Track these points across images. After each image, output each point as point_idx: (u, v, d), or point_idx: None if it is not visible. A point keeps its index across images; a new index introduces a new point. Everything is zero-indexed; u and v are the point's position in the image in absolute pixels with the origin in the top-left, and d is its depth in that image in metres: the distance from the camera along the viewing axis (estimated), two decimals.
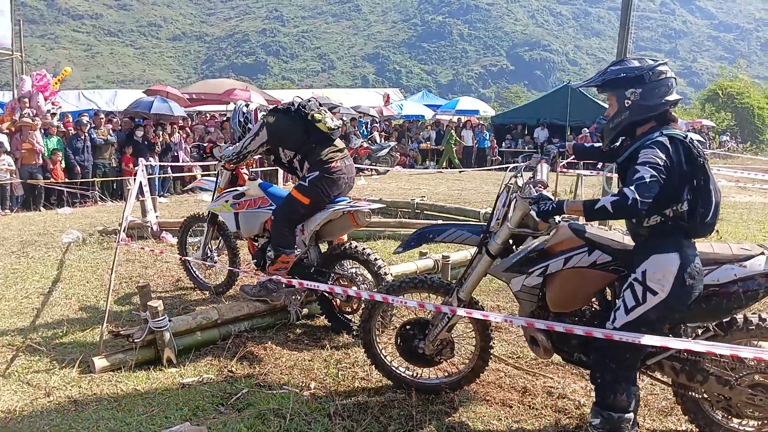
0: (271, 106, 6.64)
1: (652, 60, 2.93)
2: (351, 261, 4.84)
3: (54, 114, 13.73)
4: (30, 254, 7.42)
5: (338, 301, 4.76)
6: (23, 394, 3.74)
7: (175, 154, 14.81)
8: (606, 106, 3.15)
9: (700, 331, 3.09)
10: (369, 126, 22.43)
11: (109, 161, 13.84)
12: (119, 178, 13.78)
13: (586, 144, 3.79)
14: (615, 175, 8.14)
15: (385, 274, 4.67)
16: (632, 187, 2.58)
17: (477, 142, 22.04)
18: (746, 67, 53.60)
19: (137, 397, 3.65)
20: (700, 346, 2.77)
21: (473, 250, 3.52)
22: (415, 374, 3.80)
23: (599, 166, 9.29)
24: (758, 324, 2.96)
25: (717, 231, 6.96)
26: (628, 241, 3.07)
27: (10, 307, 5.47)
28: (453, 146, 20.89)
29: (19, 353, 4.40)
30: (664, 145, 2.70)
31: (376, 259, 4.66)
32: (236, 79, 34.38)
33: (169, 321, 4.15)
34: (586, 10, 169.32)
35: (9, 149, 11.97)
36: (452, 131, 21.34)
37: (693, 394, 3.09)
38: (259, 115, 5.11)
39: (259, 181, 5.31)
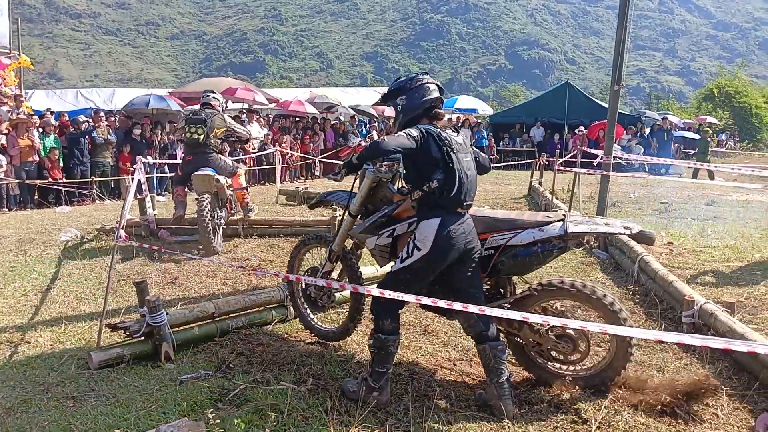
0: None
1: (414, 74, 3.75)
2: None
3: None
4: (28, 252, 7.43)
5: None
6: (21, 390, 3.76)
7: (173, 152, 14.81)
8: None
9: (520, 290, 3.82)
10: (368, 125, 22.44)
11: (108, 160, 13.85)
12: (117, 178, 13.79)
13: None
14: (613, 174, 8.16)
15: (205, 218, 7.03)
16: (386, 137, 3.53)
17: (475, 141, 22.02)
18: (744, 66, 53.49)
19: (135, 393, 3.66)
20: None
21: None
22: (315, 320, 4.63)
23: (595, 163, 9.30)
24: (568, 287, 3.58)
25: None
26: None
27: (8, 304, 5.49)
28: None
29: (18, 350, 4.42)
30: (416, 130, 3.46)
31: (203, 209, 7.03)
32: (234, 77, 34.23)
33: (167, 314, 4.17)
34: (584, 9, 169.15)
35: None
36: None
37: (517, 339, 3.77)
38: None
39: None
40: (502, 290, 3.88)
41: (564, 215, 3.61)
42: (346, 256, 4.31)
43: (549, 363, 3.76)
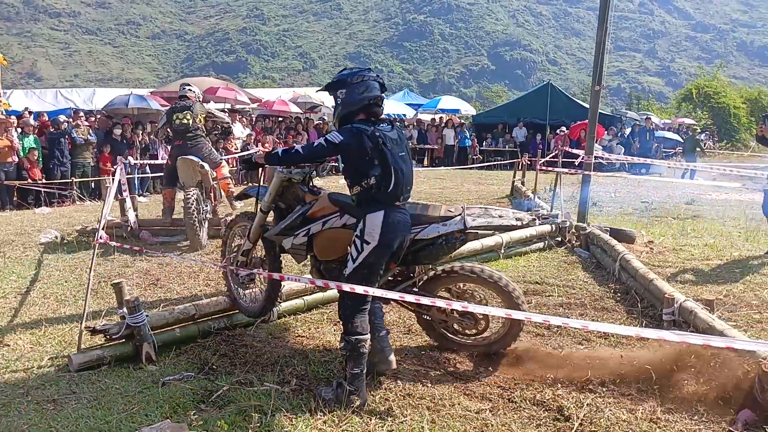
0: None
1: (358, 68, 3.78)
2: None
3: None
4: (7, 254, 7.33)
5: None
6: (1, 393, 3.71)
7: (154, 152, 14.69)
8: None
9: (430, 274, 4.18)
10: None
11: (88, 160, 13.69)
12: (98, 178, 13.64)
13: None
14: (593, 173, 8.22)
15: (192, 211, 7.20)
16: (303, 145, 3.70)
17: (458, 141, 22.11)
18: (723, 67, 54.21)
19: (117, 396, 3.63)
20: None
21: None
22: (240, 295, 4.74)
23: (576, 163, 9.37)
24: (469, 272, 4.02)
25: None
26: None
27: None
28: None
29: None
30: (346, 132, 3.56)
31: (190, 203, 7.21)
32: (216, 77, 34.03)
33: (146, 316, 4.14)
34: (565, 10, 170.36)
35: None
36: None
37: (426, 317, 4.20)
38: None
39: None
40: (412, 274, 4.19)
41: (462, 209, 3.94)
42: (265, 238, 4.45)
43: (453, 335, 4.27)
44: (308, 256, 4.18)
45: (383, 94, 3.78)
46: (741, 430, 3.16)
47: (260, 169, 4.26)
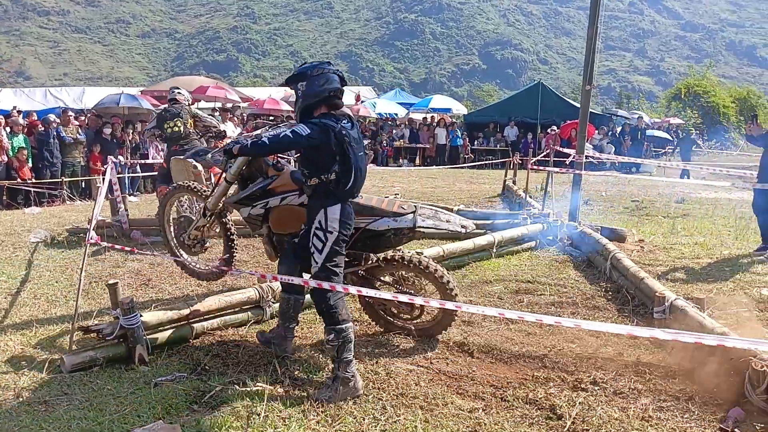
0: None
1: (318, 62, 3.85)
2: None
3: None
4: None
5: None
6: None
7: (145, 152, 14.62)
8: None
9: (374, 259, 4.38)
10: None
11: (78, 160, 13.61)
12: (88, 178, 13.56)
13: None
14: (585, 173, 8.26)
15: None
16: (269, 136, 3.67)
17: (450, 140, 22.14)
18: (712, 66, 54.51)
19: (109, 397, 3.61)
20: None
21: None
22: (188, 260, 5.04)
23: (567, 162, 9.40)
24: (415, 263, 4.27)
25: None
26: None
27: None
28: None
29: None
30: (313, 126, 3.57)
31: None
32: (207, 76, 33.94)
33: (140, 316, 4.12)
34: (556, 10, 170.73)
35: None
36: None
37: (368, 299, 4.47)
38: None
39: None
40: (357, 259, 4.38)
41: (415, 207, 4.19)
42: (222, 214, 4.68)
43: (390, 317, 4.61)
44: (262, 227, 4.37)
45: (343, 87, 3.82)
46: (731, 428, 3.19)
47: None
